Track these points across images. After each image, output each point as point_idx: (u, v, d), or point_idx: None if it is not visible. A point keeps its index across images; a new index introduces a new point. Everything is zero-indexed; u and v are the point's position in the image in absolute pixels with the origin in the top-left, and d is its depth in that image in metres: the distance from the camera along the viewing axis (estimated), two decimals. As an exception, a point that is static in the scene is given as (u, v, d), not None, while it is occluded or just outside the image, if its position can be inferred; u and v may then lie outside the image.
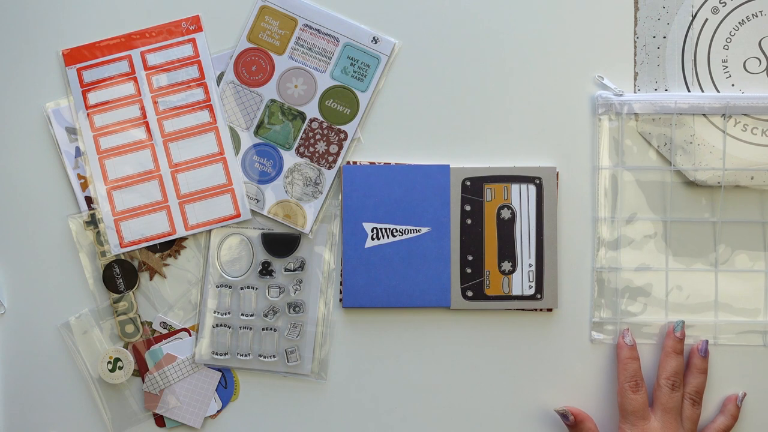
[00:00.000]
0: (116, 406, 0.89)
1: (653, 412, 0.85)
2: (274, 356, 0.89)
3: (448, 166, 0.88)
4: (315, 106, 0.88)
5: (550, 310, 0.89)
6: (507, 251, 0.88)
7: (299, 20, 0.88)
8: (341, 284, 0.89)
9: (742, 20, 0.89)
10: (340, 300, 0.89)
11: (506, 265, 0.88)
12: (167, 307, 0.89)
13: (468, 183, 0.88)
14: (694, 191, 0.89)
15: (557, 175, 0.88)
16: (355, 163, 0.89)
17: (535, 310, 0.89)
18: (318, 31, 0.88)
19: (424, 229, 0.88)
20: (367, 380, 0.89)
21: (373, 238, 0.88)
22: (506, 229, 0.88)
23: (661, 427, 0.84)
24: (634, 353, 0.86)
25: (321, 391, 0.89)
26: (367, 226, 0.88)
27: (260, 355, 0.89)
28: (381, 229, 0.88)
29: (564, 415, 0.86)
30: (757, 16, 0.89)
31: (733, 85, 0.89)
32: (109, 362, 0.88)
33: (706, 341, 0.87)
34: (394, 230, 0.88)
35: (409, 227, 0.88)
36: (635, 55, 0.89)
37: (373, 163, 0.89)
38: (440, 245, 0.87)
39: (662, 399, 0.85)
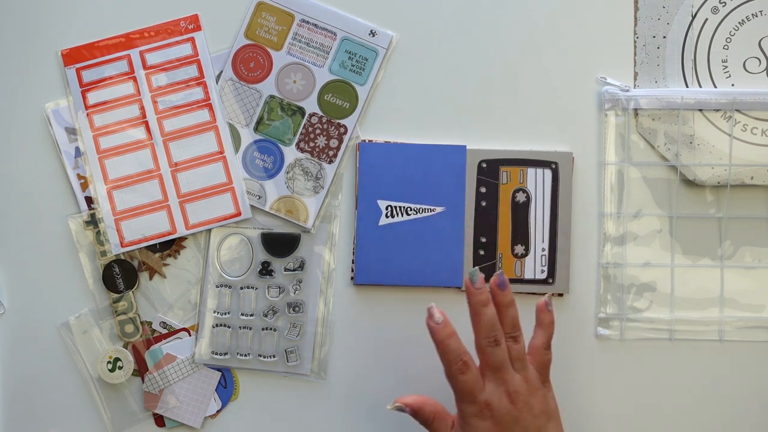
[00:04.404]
0: (116, 406, 0.89)
1: (485, 377, 0.78)
2: (273, 356, 0.88)
3: (465, 146, 0.88)
4: (314, 100, 0.88)
5: (561, 294, 0.89)
6: (520, 235, 0.88)
7: (296, 15, 0.88)
8: (353, 261, 0.88)
9: (742, 20, 0.89)
10: (352, 278, 0.89)
11: (519, 249, 0.88)
12: (167, 306, 0.89)
13: (484, 165, 0.88)
14: (700, 187, 0.89)
15: (573, 160, 0.88)
16: (371, 141, 0.89)
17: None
18: (315, 26, 0.88)
19: (439, 209, 0.88)
20: (368, 380, 0.89)
21: (387, 216, 0.88)
22: (521, 212, 0.88)
23: (495, 387, 0.77)
24: (448, 330, 0.78)
25: (321, 391, 0.89)
26: (382, 204, 0.88)
27: (260, 355, 0.88)
28: (395, 207, 0.88)
29: (400, 410, 0.80)
30: (757, 16, 0.89)
31: (732, 84, 0.89)
32: (108, 362, 0.88)
33: (501, 273, 0.79)
34: (409, 209, 0.88)
35: (424, 206, 0.88)
36: (635, 54, 0.89)
37: (389, 142, 0.89)
38: (454, 226, 0.87)
39: (490, 359, 0.77)
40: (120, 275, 0.88)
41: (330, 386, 0.89)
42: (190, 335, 0.89)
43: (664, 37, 0.89)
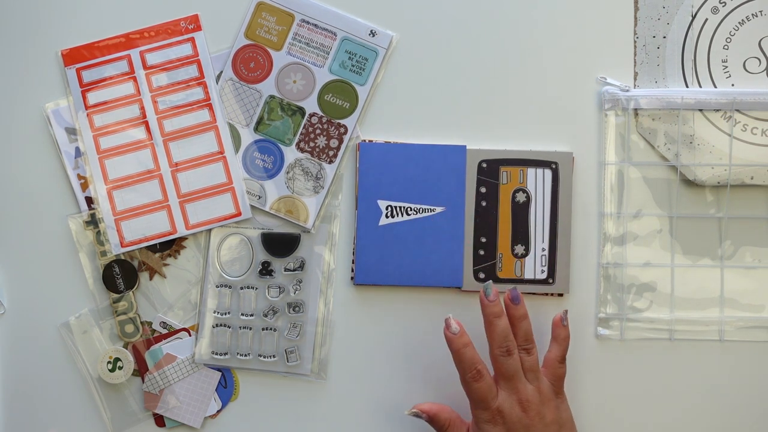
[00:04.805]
0: (116, 406, 0.89)
1: (498, 385, 0.81)
2: (274, 356, 0.88)
3: (465, 146, 0.88)
4: (314, 100, 0.89)
5: (561, 294, 0.89)
6: (521, 235, 0.88)
7: (296, 15, 0.88)
8: (353, 261, 0.88)
9: (742, 20, 0.89)
10: (352, 278, 0.89)
11: (519, 249, 0.88)
12: (167, 307, 0.89)
13: (484, 165, 0.88)
14: (700, 187, 0.89)
15: (573, 160, 0.88)
16: (371, 141, 0.89)
17: (547, 294, 0.89)
18: (315, 26, 0.88)
19: (439, 209, 0.88)
20: (368, 380, 0.89)
21: (387, 216, 0.88)
22: (521, 212, 0.88)
23: (508, 396, 0.80)
24: (464, 340, 0.81)
25: (321, 391, 0.89)
26: (382, 204, 0.88)
27: (260, 355, 0.88)
28: (395, 207, 0.88)
29: (417, 416, 0.84)
30: (757, 16, 0.89)
31: (733, 84, 0.89)
32: (108, 362, 0.88)
33: (515, 288, 0.83)
34: (409, 209, 0.88)
35: (424, 206, 0.88)
36: (635, 54, 0.89)
37: (389, 142, 0.89)
38: (454, 226, 0.87)
39: (503, 368, 0.81)
40: (120, 275, 0.88)
41: (330, 386, 0.89)
42: (190, 335, 0.89)
43: (664, 37, 0.89)
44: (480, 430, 0.81)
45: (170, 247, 0.89)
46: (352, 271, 0.88)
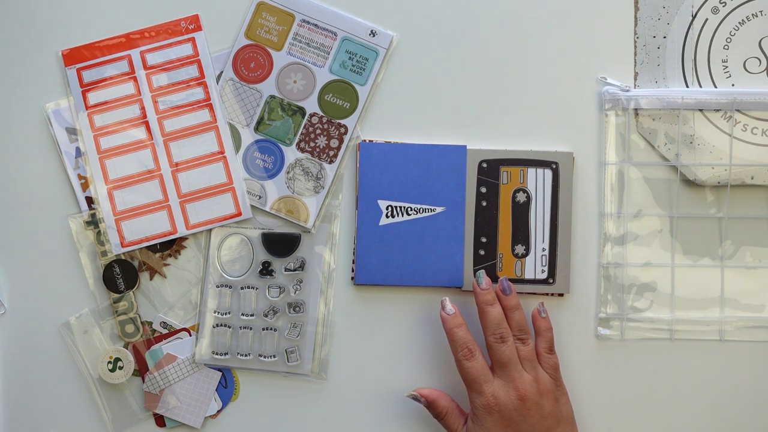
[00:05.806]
0: (116, 406, 0.89)
1: (493, 371, 0.82)
2: (274, 356, 0.88)
3: (465, 146, 0.88)
4: (314, 100, 0.89)
5: (561, 294, 0.89)
6: (521, 235, 0.88)
7: (296, 15, 0.88)
8: (353, 261, 0.88)
9: (742, 20, 0.89)
10: (352, 278, 0.89)
11: (520, 249, 0.88)
12: (167, 306, 0.89)
13: (485, 165, 0.88)
14: (700, 187, 0.89)
15: (573, 160, 0.88)
16: (371, 141, 0.89)
17: (547, 294, 0.89)
18: (315, 26, 0.88)
19: (439, 209, 0.88)
20: (368, 380, 0.89)
21: (387, 216, 0.88)
22: (521, 212, 0.88)
23: (504, 384, 0.81)
24: (457, 320, 0.83)
25: (321, 391, 0.89)
26: (382, 204, 0.88)
27: (260, 355, 0.88)
28: (396, 207, 0.88)
29: (416, 399, 0.85)
30: (757, 16, 0.89)
31: (733, 84, 0.89)
32: (109, 362, 0.88)
33: (505, 278, 0.85)
34: (409, 209, 0.88)
35: (424, 206, 0.88)
36: (635, 54, 0.89)
37: (389, 142, 0.89)
38: (454, 226, 0.87)
39: (497, 355, 0.82)
40: (120, 275, 0.88)
41: (330, 386, 0.89)
42: (190, 335, 0.89)
43: (665, 37, 0.89)
44: (476, 417, 0.81)
45: (170, 247, 0.89)
46: (353, 271, 0.89)
